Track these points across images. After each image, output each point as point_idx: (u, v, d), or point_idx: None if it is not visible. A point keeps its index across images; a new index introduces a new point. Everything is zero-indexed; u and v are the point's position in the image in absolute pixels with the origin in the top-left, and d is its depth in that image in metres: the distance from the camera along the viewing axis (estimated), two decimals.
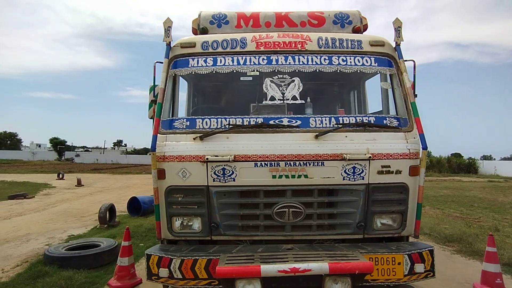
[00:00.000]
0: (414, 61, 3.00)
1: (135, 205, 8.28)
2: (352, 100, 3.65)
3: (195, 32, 3.35)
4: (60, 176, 19.82)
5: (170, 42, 2.89)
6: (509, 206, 10.40)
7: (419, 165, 2.64)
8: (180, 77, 3.05)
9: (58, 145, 64.91)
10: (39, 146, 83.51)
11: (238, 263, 2.24)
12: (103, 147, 79.98)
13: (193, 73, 2.91)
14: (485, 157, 43.18)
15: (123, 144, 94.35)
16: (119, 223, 7.17)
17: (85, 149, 79.50)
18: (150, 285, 3.82)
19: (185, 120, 2.80)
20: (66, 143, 68.95)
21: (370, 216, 2.69)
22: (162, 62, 2.90)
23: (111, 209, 7.19)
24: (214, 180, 2.58)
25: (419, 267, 2.44)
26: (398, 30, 2.95)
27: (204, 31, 3.23)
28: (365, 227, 2.70)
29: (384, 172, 2.65)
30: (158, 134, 2.65)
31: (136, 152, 75.47)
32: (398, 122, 2.81)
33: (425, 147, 2.63)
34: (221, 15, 3.26)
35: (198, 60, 2.88)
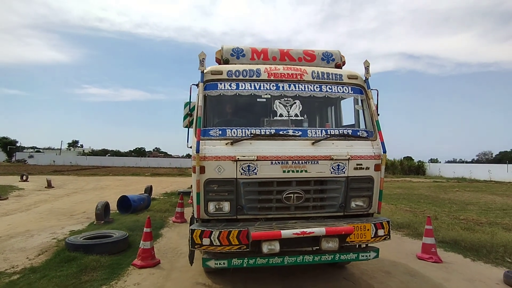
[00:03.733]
0: (377, 90, 4.00)
1: (124, 204, 8.79)
2: (333, 114, 4.64)
3: (218, 61, 4.12)
4: (24, 178, 19.04)
5: (203, 70, 3.65)
6: (447, 202, 12.42)
7: (381, 163, 3.67)
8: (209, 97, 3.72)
9: (8, 145, 59.97)
10: None
11: (264, 230, 3.05)
12: (59, 147, 74.98)
13: (221, 94, 3.66)
14: (432, 160, 47.69)
15: (79, 145, 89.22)
16: (114, 220, 7.66)
17: (35, 149, 73.89)
18: (167, 265, 4.69)
19: (218, 130, 3.52)
20: (18, 144, 63.89)
21: (348, 199, 3.61)
22: (196, 85, 3.71)
23: (106, 206, 7.67)
24: (241, 174, 3.35)
25: (380, 232, 3.45)
26: (367, 68, 3.91)
27: (226, 61, 4.03)
28: (345, 207, 3.61)
29: (358, 168, 3.59)
30: (200, 140, 3.38)
31: (94, 153, 71.90)
32: (367, 134, 3.81)
33: (384, 151, 3.68)
34: (239, 49, 4.10)
35: (224, 85, 3.66)
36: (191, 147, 3.62)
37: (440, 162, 46.53)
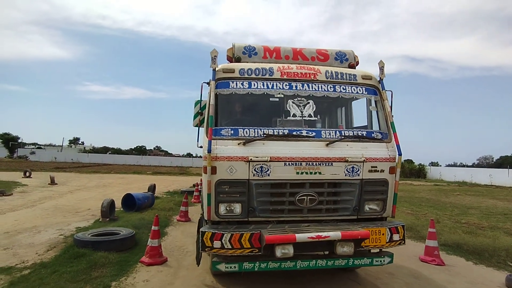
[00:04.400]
0: (391, 91, 3.87)
1: (129, 202, 8.87)
2: (344, 115, 4.49)
3: (230, 59, 3.97)
4: (27, 174, 19.13)
5: (215, 68, 3.53)
6: (449, 205, 12.47)
7: (396, 166, 3.57)
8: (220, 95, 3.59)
9: (10, 141, 60.15)
10: None
11: (278, 233, 2.94)
12: (60, 144, 75.17)
13: (233, 93, 3.54)
14: (433, 164, 47.83)
15: (80, 142, 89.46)
16: (119, 217, 7.74)
17: (37, 146, 74.10)
18: (174, 263, 4.76)
19: (230, 129, 3.39)
20: (19, 140, 64.10)
21: (362, 202, 3.51)
22: (207, 83, 3.61)
23: (111, 204, 7.75)
24: (254, 175, 3.25)
25: (396, 237, 3.36)
26: (381, 69, 3.81)
27: (238, 59, 3.88)
28: (358, 211, 3.51)
29: (373, 171, 3.50)
30: (211, 140, 3.26)
31: (95, 151, 72.01)
32: (381, 136, 3.70)
33: (400, 154, 3.55)
34: (251, 47, 3.96)
35: (236, 83, 3.55)
36: (201, 147, 3.57)
37: (440, 165, 46.59)
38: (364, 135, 3.68)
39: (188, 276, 4.27)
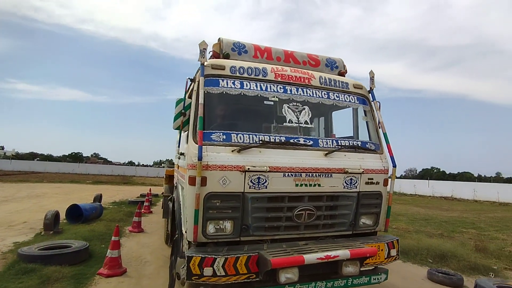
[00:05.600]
0: (379, 102, 3.74)
1: (74, 213, 8.30)
2: (324, 124, 4.30)
3: (216, 55, 3.52)
4: None
5: (204, 62, 3.11)
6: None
7: (391, 177, 3.45)
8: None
9: None
10: None
11: (283, 255, 2.54)
12: None
13: (224, 92, 3.10)
14: None
15: (0, 147, 78.84)
16: (63, 230, 7.23)
17: None
18: (134, 273, 4.75)
19: (221, 134, 2.94)
20: None
21: (358, 217, 3.29)
22: (191, 79, 3.31)
23: (56, 216, 7.22)
24: (250, 187, 2.83)
25: (393, 252, 3.22)
26: (372, 78, 3.75)
27: (226, 56, 3.48)
28: (354, 225, 3.29)
29: (370, 183, 3.31)
30: (201, 145, 2.77)
31: (20, 157, 63.94)
32: (374, 146, 3.55)
33: (394, 165, 3.44)
34: (240, 44, 3.58)
35: (227, 82, 3.12)
36: (183, 154, 3.18)
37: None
38: (359, 145, 3.50)
39: (151, 285, 4.30)
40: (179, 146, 3.35)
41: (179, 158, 3.90)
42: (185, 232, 2.94)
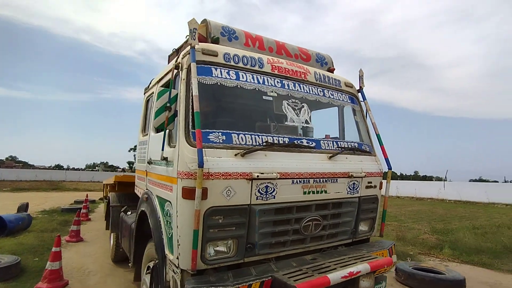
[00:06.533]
0: (366, 102, 3.58)
1: None
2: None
3: (203, 39, 2.94)
4: None
5: (195, 46, 2.56)
6: None
7: (386, 181, 3.31)
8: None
9: None
10: None
11: (303, 278, 2.23)
12: None
13: (218, 83, 2.61)
14: None
15: None
16: None
17: None
18: (77, 285, 4.55)
19: (220, 134, 2.46)
20: None
21: (358, 223, 3.11)
22: (176, 66, 2.70)
23: None
24: (257, 198, 2.41)
25: (394, 258, 3.07)
26: (361, 77, 3.55)
27: (216, 41, 2.95)
28: (354, 233, 3.10)
29: (369, 187, 3.13)
30: (201, 148, 2.23)
31: None
32: (368, 148, 3.38)
33: (390, 167, 3.28)
34: (230, 29, 3.08)
35: (221, 71, 2.65)
36: (166, 159, 2.60)
37: None
38: (356, 146, 3.28)
39: None
40: (162, 149, 2.67)
41: (150, 164, 3.26)
42: (177, 258, 2.35)
